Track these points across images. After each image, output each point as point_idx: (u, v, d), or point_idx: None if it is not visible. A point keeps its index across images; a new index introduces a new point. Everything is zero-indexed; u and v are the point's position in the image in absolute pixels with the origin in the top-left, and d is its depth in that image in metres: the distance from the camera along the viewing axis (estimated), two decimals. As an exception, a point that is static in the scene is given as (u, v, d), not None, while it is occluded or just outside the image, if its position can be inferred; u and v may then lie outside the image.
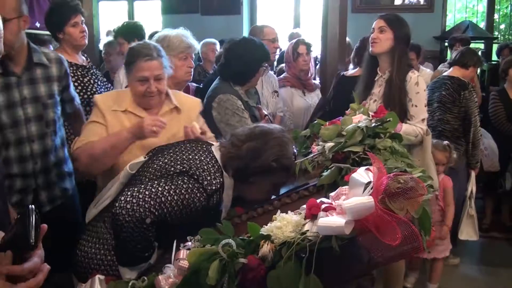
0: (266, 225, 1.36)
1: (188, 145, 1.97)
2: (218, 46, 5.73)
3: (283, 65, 4.65)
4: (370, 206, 1.11)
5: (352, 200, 1.13)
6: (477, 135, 4.04)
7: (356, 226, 1.14)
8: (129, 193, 1.69)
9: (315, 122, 2.23)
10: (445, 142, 3.70)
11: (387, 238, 1.09)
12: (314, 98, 4.06)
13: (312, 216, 1.21)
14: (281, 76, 4.10)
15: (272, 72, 4.18)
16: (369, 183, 1.18)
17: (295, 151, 1.93)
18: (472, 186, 4.10)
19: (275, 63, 5.83)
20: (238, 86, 2.98)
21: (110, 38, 4.56)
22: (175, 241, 1.50)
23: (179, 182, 1.76)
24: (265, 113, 3.07)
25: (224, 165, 1.89)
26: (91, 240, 1.93)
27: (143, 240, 1.70)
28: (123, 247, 1.74)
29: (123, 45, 3.82)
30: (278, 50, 5.94)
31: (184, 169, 1.81)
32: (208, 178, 1.80)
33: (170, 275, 1.36)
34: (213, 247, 1.31)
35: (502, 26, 9.06)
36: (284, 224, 1.22)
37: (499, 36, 8.51)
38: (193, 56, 2.82)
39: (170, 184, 1.75)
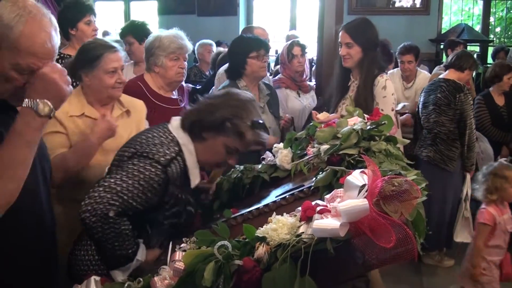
0: (262, 227, 1.36)
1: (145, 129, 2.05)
2: (214, 47, 5.75)
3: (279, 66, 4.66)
4: (365, 209, 1.11)
5: (347, 202, 1.14)
6: (472, 137, 4.07)
7: (351, 229, 1.15)
8: (86, 196, 1.70)
9: (311, 124, 2.24)
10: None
11: (381, 240, 1.10)
12: (309, 99, 4.08)
13: (307, 218, 1.22)
14: (276, 77, 4.11)
15: (269, 72, 4.19)
16: (364, 185, 1.19)
17: (260, 121, 1.88)
18: (467, 189, 4.13)
19: (272, 64, 5.86)
20: (239, 80, 3.15)
21: (109, 38, 4.55)
22: (170, 243, 1.51)
23: (129, 166, 1.76)
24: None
25: (182, 121, 1.92)
26: (81, 242, 1.93)
27: (118, 236, 1.70)
28: (103, 249, 1.74)
29: (133, 44, 3.83)
30: (274, 51, 5.98)
31: (134, 151, 1.81)
32: (161, 150, 1.80)
33: (165, 277, 1.37)
34: (208, 249, 1.32)
35: (498, 29, 9.11)
36: (280, 226, 1.23)
37: (494, 39, 8.56)
38: (187, 57, 2.85)
39: (120, 172, 1.75)
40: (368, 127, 1.70)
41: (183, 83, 3.10)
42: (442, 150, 4.10)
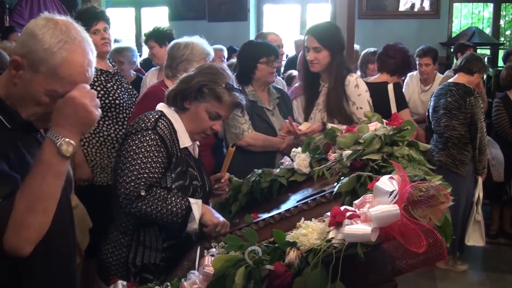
0: (284, 231, 1.38)
1: None
2: (225, 53, 5.77)
3: (292, 71, 4.67)
4: (396, 214, 1.13)
5: (377, 208, 1.16)
6: (483, 141, 4.07)
7: (380, 234, 1.17)
8: (116, 190, 1.87)
9: (329, 129, 2.25)
10: None
11: (412, 245, 1.12)
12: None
13: (336, 223, 1.23)
14: (296, 85, 4.10)
15: (280, 78, 4.20)
16: (393, 191, 1.20)
17: (232, 84, 2.01)
18: (479, 192, 4.13)
19: (282, 69, 5.87)
20: (246, 86, 3.15)
21: (121, 45, 4.61)
22: (198, 247, 1.53)
23: (130, 146, 1.90)
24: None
25: (167, 99, 2.07)
26: (109, 243, 2.00)
27: (161, 205, 1.84)
28: (159, 222, 1.89)
29: (154, 48, 3.97)
30: (284, 56, 6.00)
31: (128, 132, 1.96)
32: (145, 119, 1.95)
33: (195, 281, 1.38)
34: (238, 254, 1.34)
35: (508, 32, 9.07)
36: (310, 232, 1.25)
37: (505, 42, 8.53)
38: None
39: (126, 155, 1.89)
40: (391, 132, 1.71)
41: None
42: (454, 154, 4.10)
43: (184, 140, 2.01)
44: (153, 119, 1.94)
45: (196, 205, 1.90)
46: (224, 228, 1.95)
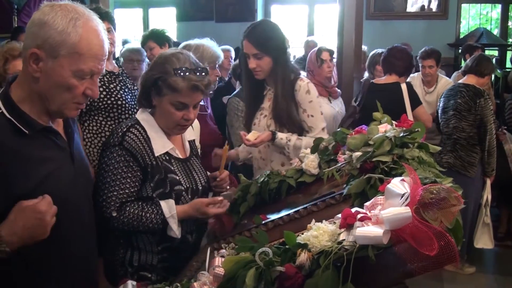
0: (294, 232, 1.38)
1: None
2: (233, 53, 5.78)
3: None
4: (408, 217, 1.13)
5: (389, 210, 1.16)
6: (492, 143, 4.05)
7: (392, 236, 1.17)
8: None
9: (338, 130, 2.25)
10: None
11: (423, 248, 1.11)
12: (339, 105, 4.09)
13: (347, 225, 1.23)
14: None
15: None
16: (405, 193, 1.20)
17: (182, 67, 1.88)
18: (487, 194, 4.11)
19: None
20: None
21: (132, 46, 4.63)
22: (208, 248, 1.53)
23: (101, 164, 1.88)
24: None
25: (138, 102, 2.05)
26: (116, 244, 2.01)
27: (135, 220, 1.85)
28: (139, 230, 1.88)
29: (154, 48, 3.95)
30: (292, 56, 5.99)
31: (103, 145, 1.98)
32: (115, 133, 1.92)
33: (205, 282, 1.39)
34: (248, 255, 1.34)
35: (516, 33, 9.03)
36: (321, 233, 1.25)
37: (513, 43, 8.49)
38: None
39: (99, 172, 1.88)
40: (401, 134, 1.71)
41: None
42: (462, 156, 4.08)
43: (159, 148, 1.95)
44: (120, 133, 1.89)
45: (172, 218, 1.88)
46: (222, 206, 1.98)
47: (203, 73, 1.91)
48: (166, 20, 8.81)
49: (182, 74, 1.86)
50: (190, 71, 1.88)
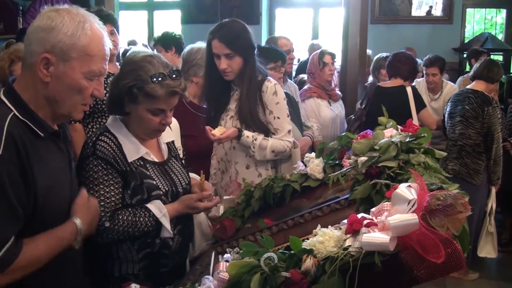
0: (297, 237, 1.37)
1: None
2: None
3: (303, 75, 4.68)
4: (415, 223, 1.12)
5: (396, 217, 1.15)
6: (499, 151, 4.02)
7: (398, 242, 1.16)
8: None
9: (343, 134, 2.24)
10: None
11: (430, 255, 1.11)
12: (339, 108, 4.10)
13: (353, 231, 1.22)
14: (305, 87, 4.12)
15: (292, 81, 4.21)
16: (411, 200, 1.19)
17: (158, 73, 1.81)
18: (492, 203, 4.08)
19: (294, 73, 5.87)
20: None
21: (135, 48, 4.64)
22: (213, 253, 1.53)
23: (82, 177, 1.82)
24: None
25: (108, 109, 2.00)
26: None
27: (128, 226, 1.83)
28: (135, 236, 1.86)
29: (160, 53, 3.97)
30: (296, 60, 6.00)
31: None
32: (85, 145, 1.88)
33: (210, 286, 1.38)
34: (253, 260, 1.33)
35: (521, 38, 9.00)
36: (326, 239, 1.24)
37: (518, 48, 8.47)
38: None
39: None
40: (407, 139, 1.70)
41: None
42: (468, 164, 4.06)
43: (131, 153, 1.89)
44: (91, 144, 1.85)
45: (164, 218, 1.87)
46: (209, 199, 1.98)
47: (178, 77, 1.86)
48: (171, 22, 8.83)
49: (159, 81, 1.80)
50: (167, 76, 1.82)
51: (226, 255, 1.51)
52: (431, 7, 7.62)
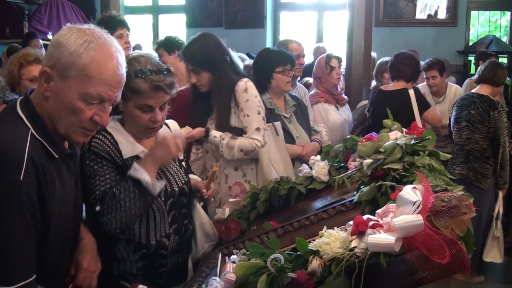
0: (305, 239, 1.39)
1: None
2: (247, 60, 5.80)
3: (308, 78, 4.68)
4: (420, 224, 1.13)
5: (401, 218, 1.16)
6: (505, 156, 4.01)
7: (403, 243, 1.17)
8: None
9: (348, 137, 2.25)
10: None
11: (435, 256, 1.12)
12: (346, 112, 4.09)
13: (359, 232, 1.24)
14: (312, 92, 4.11)
15: (301, 85, 4.20)
16: (417, 201, 1.21)
17: (142, 69, 1.85)
18: (499, 207, 4.07)
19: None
20: (263, 93, 3.11)
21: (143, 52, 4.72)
22: (219, 254, 1.54)
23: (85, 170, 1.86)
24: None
25: None
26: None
27: (121, 206, 1.80)
28: (131, 216, 1.83)
29: (163, 56, 4.04)
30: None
31: None
32: (84, 143, 1.88)
33: (217, 287, 1.40)
34: (260, 261, 1.34)
35: (526, 41, 8.99)
36: (332, 240, 1.25)
37: (522, 50, 8.45)
38: None
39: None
40: (412, 142, 1.71)
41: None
42: (475, 168, 4.05)
43: (127, 151, 1.93)
44: (87, 142, 1.88)
45: (135, 171, 1.83)
46: (179, 140, 1.95)
47: (165, 73, 1.90)
48: (175, 26, 8.86)
49: (143, 75, 1.84)
50: (152, 72, 1.86)
51: (233, 257, 1.53)
52: (437, 9, 7.62)
